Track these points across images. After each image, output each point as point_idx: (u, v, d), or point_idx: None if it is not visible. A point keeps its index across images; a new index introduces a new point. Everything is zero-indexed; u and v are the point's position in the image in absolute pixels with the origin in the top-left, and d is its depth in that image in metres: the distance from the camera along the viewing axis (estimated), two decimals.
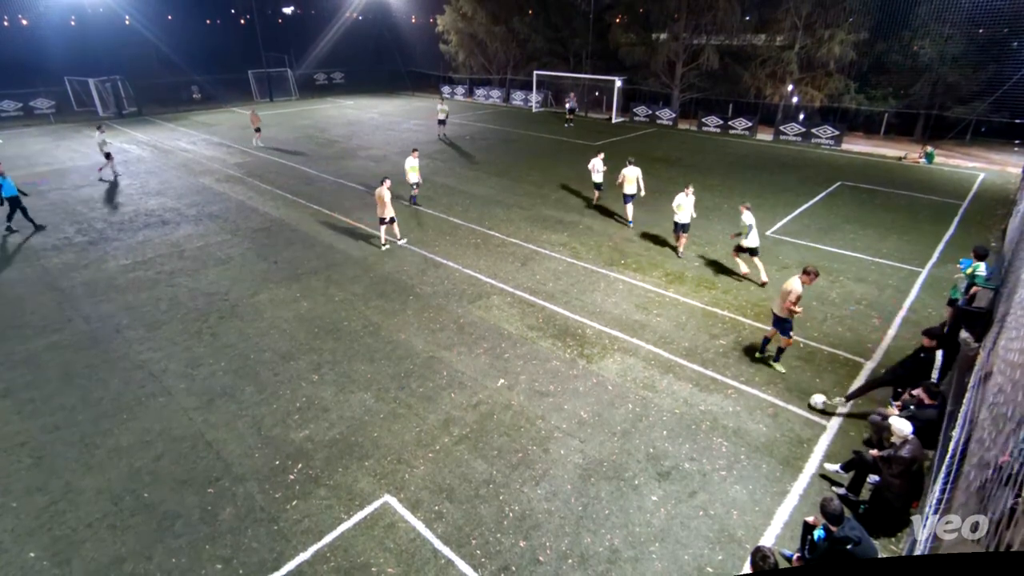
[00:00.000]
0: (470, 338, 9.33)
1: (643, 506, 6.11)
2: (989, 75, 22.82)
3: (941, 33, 23.73)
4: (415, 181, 15.50)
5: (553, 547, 5.61)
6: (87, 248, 12.97)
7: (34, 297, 10.70)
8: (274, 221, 14.80)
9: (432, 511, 6.02)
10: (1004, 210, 15.67)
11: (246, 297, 10.72)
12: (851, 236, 13.89)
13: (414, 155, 15.48)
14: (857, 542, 4.71)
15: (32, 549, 5.58)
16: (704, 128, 28.42)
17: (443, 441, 7.04)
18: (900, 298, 10.78)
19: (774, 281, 11.39)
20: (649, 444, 7.01)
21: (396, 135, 26.59)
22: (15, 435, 7.12)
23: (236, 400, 7.79)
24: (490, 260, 12.38)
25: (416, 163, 15.34)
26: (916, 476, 5.71)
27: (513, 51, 37.06)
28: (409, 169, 15.28)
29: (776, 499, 6.22)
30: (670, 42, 29.81)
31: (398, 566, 5.41)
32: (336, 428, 7.25)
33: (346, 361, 8.69)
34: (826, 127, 25.00)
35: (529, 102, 35.67)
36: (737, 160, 21.89)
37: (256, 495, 6.22)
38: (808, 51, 26.17)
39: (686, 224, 12.31)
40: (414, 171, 15.32)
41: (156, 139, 25.54)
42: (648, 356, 8.86)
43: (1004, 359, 4.96)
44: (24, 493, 6.25)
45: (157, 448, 6.91)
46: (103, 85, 31.58)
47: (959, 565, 0.86)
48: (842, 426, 7.37)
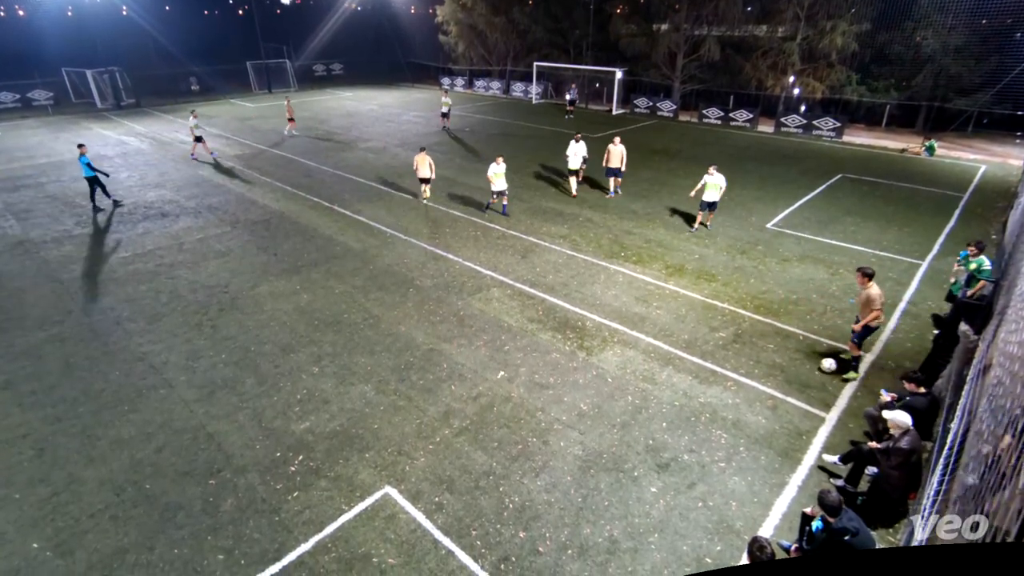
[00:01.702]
0: (470, 330, 9.34)
1: (642, 497, 6.14)
2: (992, 66, 22.70)
3: (944, 24, 23.58)
4: (499, 190, 14.15)
5: (553, 538, 5.65)
6: (87, 240, 12.96)
7: (34, 289, 10.70)
8: (273, 213, 14.77)
9: (432, 502, 6.05)
10: (1005, 203, 15.63)
11: (246, 289, 10.72)
12: (852, 228, 13.87)
13: (499, 162, 13.92)
14: (855, 533, 4.73)
15: (35, 540, 5.62)
16: (705, 120, 28.30)
17: (443, 433, 7.07)
18: (900, 291, 10.79)
19: (771, 273, 11.40)
20: (648, 436, 7.03)
21: (395, 127, 26.47)
22: (17, 427, 7.15)
23: (237, 392, 7.81)
24: (490, 252, 12.37)
25: (501, 169, 13.91)
26: (914, 468, 5.73)
27: (513, 42, 36.83)
28: (493, 176, 13.93)
29: (775, 490, 6.25)
30: (671, 33, 29.63)
31: (399, 556, 5.45)
32: (337, 420, 7.28)
33: (346, 353, 8.70)
34: (827, 119, 24.89)
35: (529, 94, 35.49)
36: (738, 152, 21.82)
37: (257, 486, 6.25)
38: (810, 42, 26.01)
39: (714, 202, 13.24)
40: (498, 178, 13.92)
41: (155, 131, 25.43)
42: (648, 348, 8.88)
43: (1003, 352, 4.96)
44: (26, 484, 6.28)
45: (158, 440, 6.94)
46: (101, 77, 31.41)
47: (955, 555, 0.86)
48: (841, 418, 7.40)
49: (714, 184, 12.95)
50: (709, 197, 13.10)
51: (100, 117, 28.88)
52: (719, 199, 13.19)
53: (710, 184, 12.98)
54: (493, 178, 13.98)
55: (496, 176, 13.93)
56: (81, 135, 24.13)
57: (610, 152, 15.57)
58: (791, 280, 11.16)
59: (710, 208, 13.39)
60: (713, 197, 13.10)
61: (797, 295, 10.56)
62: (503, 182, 14.03)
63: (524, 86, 36.12)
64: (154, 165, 19.38)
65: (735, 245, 12.81)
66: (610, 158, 15.60)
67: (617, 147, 15.48)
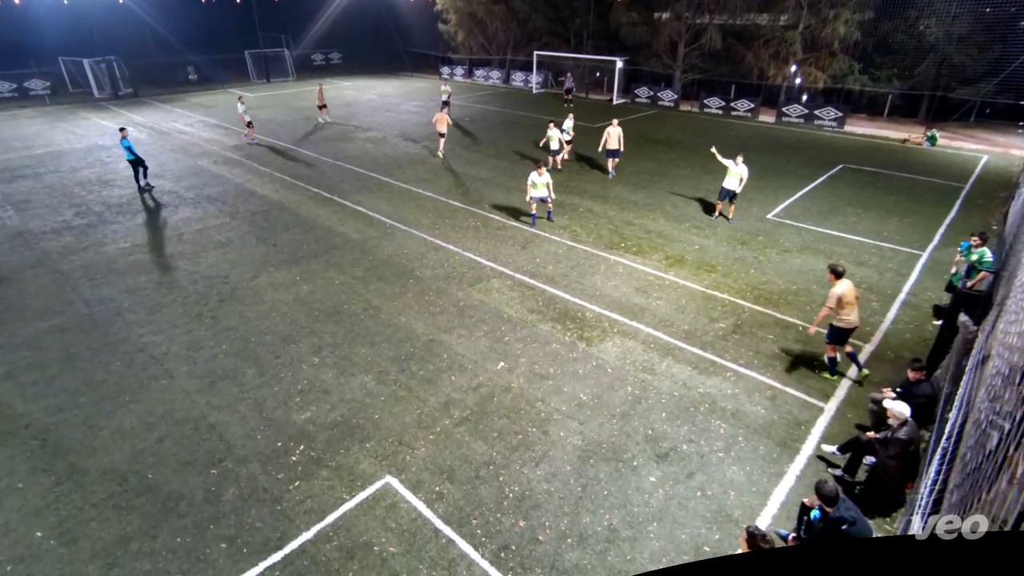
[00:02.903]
0: (470, 321, 9.35)
1: (641, 487, 6.18)
2: (995, 56, 22.50)
3: (947, 12, 23.36)
4: (540, 197, 12.93)
5: (552, 527, 5.69)
6: (86, 231, 12.94)
7: (34, 280, 10.70)
8: (273, 204, 14.73)
9: (433, 492, 6.09)
10: (1006, 193, 15.58)
11: (246, 280, 10.72)
12: (852, 219, 13.84)
13: (540, 171, 12.73)
14: (852, 523, 4.77)
15: (39, 529, 5.66)
16: (706, 110, 28.14)
17: (444, 423, 7.10)
18: (900, 281, 10.78)
19: (771, 263, 11.39)
20: (648, 426, 7.06)
21: (395, 116, 26.33)
22: (19, 417, 7.18)
23: (238, 383, 7.83)
24: (490, 243, 12.35)
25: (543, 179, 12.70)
26: (912, 458, 5.76)
27: (513, 31, 36.52)
28: (532, 186, 12.74)
29: (773, 480, 6.29)
30: (672, 22, 29.36)
31: (400, 545, 5.50)
32: (337, 410, 7.31)
33: (347, 344, 8.72)
34: (829, 109, 24.75)
35: (529, 83, 35.26)
36: (739, 142, 21.70)
37: (259, 476, 6.29)
38: (812, 31, 25.78)
39: (733, 193, 13.11)
40: (538, 188, 12.74)
41: (153, 121, 25.29)
42: (647, 339, 8.89)
43: (1003, 342, 4.97)
44: (29, 474, 6.32)
45: (160, 430, 6.97)
46: (98, 66, 31.17)
47: (951, 544, 0.87)
48: (839, 408, 7.43)
49: (736, 173, 12.79)
50: (728, 184, 13.03)
51: (98, 107, 28.72)
52: (738, 191, 13.04)
53: (732, 171, 12.84)
54: (533, 187, 12.75)
55: (534, 186, 12.71)
56: (79, 125, 24.01)
57: (608, 134, 16.41)
58: (791, 271, 11.15)
59: (730, 199, 13.31)
60: (732, 186, 12.96)
61: (797, 286, 10.56)
62: (545, 192, 12.88)
63: (524, 75, 35.87)
64: (152, 155, 19.27)
65: (735, 236, 12.79)
66: (609, 140, 16.45)
67: (615, 128, 16.30)
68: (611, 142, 16.40)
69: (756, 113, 26.71)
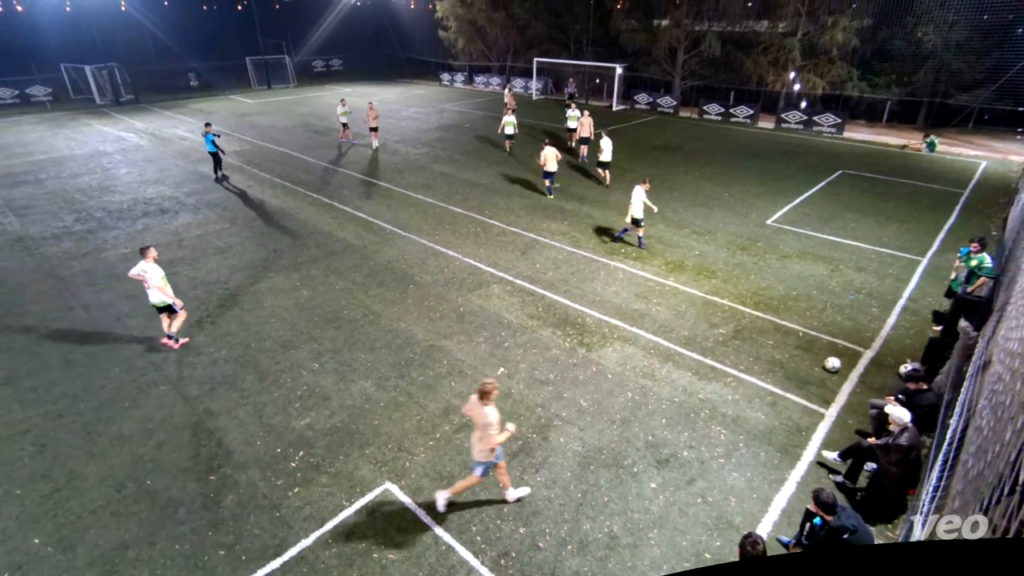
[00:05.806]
0: (470, 327, 9.35)
1: (642, 493, 6.16)
2: (993, 62, 22.61)
3: (945, 19, 23.46)
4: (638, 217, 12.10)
5: (553, 533, 5.67)
6: (86, 236, 12.95)
7: (34, 285, 10.69)
8: (273, 209, 14.75)
9: (433, 498, 6.06)
10: (1006, 199, 15.60)
11: (246, 286, 10.72)
12: (852, 225, 13.85)
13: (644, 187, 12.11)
14: (853, 531, 4.75)
15: (37, 535, 5.64)
16: (705, 116, 28.22)
17: (443, 429, 7.08)
18: (900, 287, 10.79)
19: (771, 269, 11.40)
20: (648, 432, 7.05)
21: (395, 123, 26.40)
22: (18, 423, 7.16)
23: (237, 388, 7.82)
24: (490, 249, 12.36)
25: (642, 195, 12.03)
26: (914, 464, 5.75)
27: (513, 37, 36.69)
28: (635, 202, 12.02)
29: (774, 486, 6.26)
30: (671, 28, 29.49)
31: (399, 552, 5.47)
32: (337, 416, 7.29)
33: (346, 350, 8.71)
34: (828, 115, 24.82)
35: (529, 89, 35.38)
36: (738, 148, 21.77)
37: (258, 482, 6.26)
38: (811, 38, 25.90)
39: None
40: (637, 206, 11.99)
41: (154, 127, 25.37)
42: (648, 345, 8.88)
43: (1004, 348, 4.97)
44: (28, 480, 6.29)
45: (159, 436, 6.95)
46: (99, 72, 31.27)
47: (953, 551, 0.86)
48: (840, 414, 7.41)
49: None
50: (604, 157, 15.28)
51: (99, 113, 28.80)
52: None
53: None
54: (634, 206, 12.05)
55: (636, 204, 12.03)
56: (80, 131, 24.07)
57: (581, 123, 18.89)
58: (791, 276, 11.16)
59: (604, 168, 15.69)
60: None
61: (797, 291, 10.56)
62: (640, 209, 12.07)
63: (524, 82, 35.99)
64: (153, 161, 19.34)
65: (735, 241, 12.81)
66: (581, 129, 18.88)
67: (586, 119, 18.72)
68: (583, 130, 18.65)
69: (755, 119, 26.79)
